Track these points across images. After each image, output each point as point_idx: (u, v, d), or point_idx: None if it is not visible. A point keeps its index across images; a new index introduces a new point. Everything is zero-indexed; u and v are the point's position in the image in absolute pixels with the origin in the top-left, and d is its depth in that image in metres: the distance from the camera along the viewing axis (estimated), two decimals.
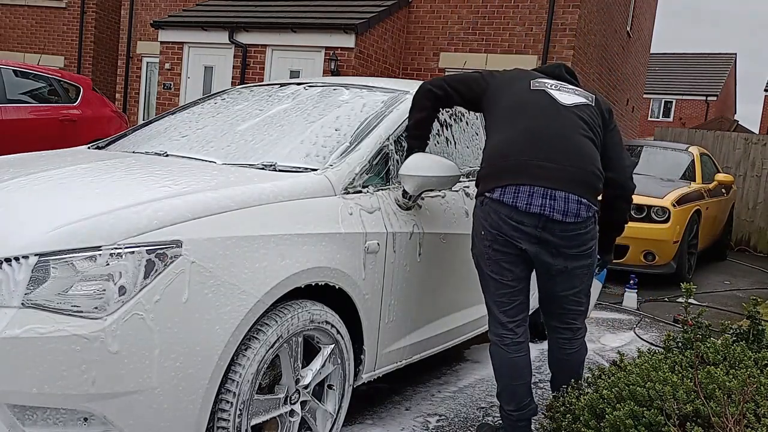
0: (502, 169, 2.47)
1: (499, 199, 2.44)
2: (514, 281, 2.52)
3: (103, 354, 1.80)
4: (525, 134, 2.51)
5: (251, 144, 2.81)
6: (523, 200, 2.40)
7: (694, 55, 36.92)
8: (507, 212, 2.43)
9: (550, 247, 2.44)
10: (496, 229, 2.46)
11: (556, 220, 2.40)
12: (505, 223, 2.43)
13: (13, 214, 2.00)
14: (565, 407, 2.42)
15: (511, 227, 2.43)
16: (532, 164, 2.43)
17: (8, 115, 6.59)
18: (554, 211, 2.39)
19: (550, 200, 2.40)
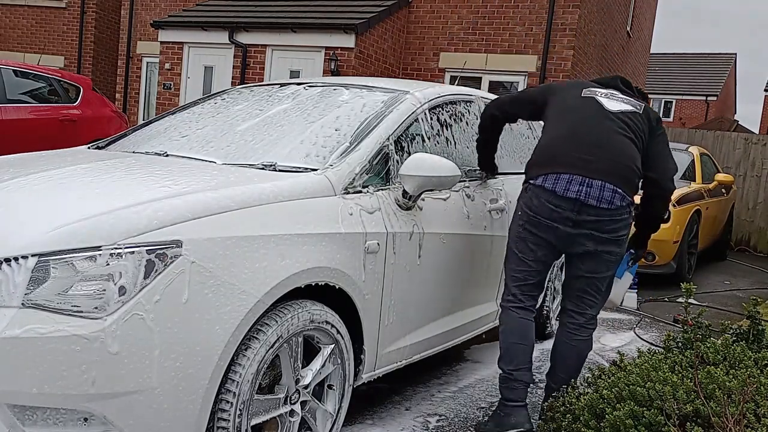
0: (547, 160, 2.78)
1: (541, 185, 2.73)
2: (533, 262, 2.82)
3: (103, 354, 1.80)
4: (569, 133, 2.80)
5: (251, 144, 2.81)
6: (561, 186, 2.69)
7: (694, 55, 36.93)
8: (547, 197, 2.71)
9: (583, 229, 2.70)
10: (535, 212, 2.75)
11: (590, 205, 2.67)
12: (544, 207, 2.72)
13: (13, 214, 2.00)
14: (565, 407, 2.43)
15: (550, 210, 2.71)
16: (573, 156, 2.72)
17: (8, 115, 6.59)
18: (589, 197, 2.66)
19: (587, 187, 2.67)
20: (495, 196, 3.46)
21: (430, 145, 3.07)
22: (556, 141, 2.80)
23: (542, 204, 2.72)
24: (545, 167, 2.74)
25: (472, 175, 3.38)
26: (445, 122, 3.25)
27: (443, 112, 3.27)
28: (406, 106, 3.01)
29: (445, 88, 3.44)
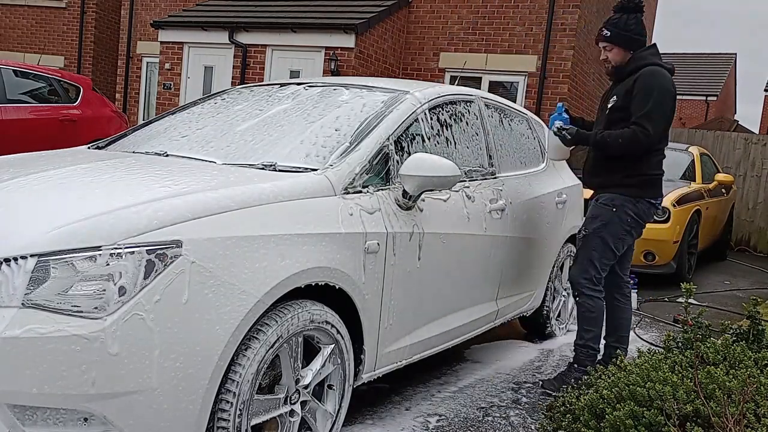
0: (660, 184, 3.48)
1: (656, 204, 3.46)
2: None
3: (103, 354, 1.79)
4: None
5: (251, 144, 2.81)
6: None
7: (694, 55, 36.90)
8: (653, 212, 3.48)
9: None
10: (644, 223, 3.46)
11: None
12: (649, 219, 3.48)
13: (13, 214, 2.00)
14: (565, 407, 2.43)
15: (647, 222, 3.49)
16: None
17: (8, 115, 6.59)
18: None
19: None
20: (495, 196, 3.46)
21: (430, 145, 3.07)
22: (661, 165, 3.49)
23: (650, 217, 3.47)
24: (659, 190, 3.46)
25: (472, 175, 3.38)
26: (445, 122, 3.25)
27: (443, 112, 3.27)
28: (406, 106, 3.00)
29: (445, 88, 3.44)
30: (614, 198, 3.40)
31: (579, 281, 3.47)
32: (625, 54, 3.43)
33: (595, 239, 3.42)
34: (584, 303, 3.46)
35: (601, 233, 3.40)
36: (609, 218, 3.40)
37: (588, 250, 3.45)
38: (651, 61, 3.38)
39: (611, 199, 3.41)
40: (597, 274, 3.44)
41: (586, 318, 3.47)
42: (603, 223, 3.41)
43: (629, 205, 3.38)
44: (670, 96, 3.31)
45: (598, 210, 3.46)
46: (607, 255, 3.43)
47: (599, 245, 3.41)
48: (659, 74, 3.32)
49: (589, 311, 3.46)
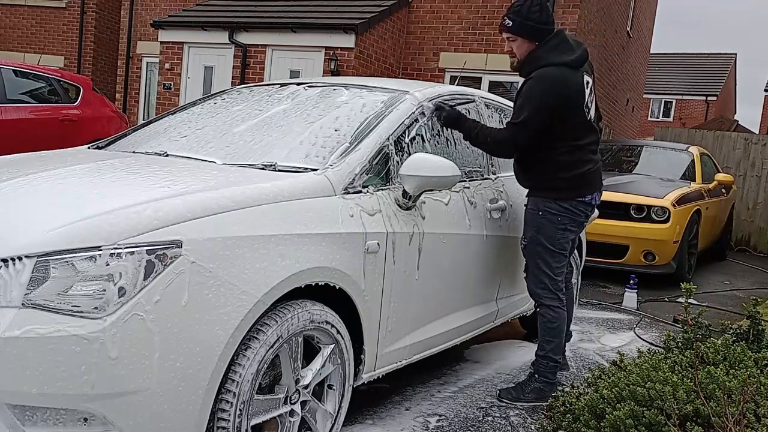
0: (589, 180, 3.30)
1: (589, 201, 3.29)
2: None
3: (102, 354, 1.79)
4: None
5: (251, 144, 2.81)
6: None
7: (694, 55, 36.91)
8: (589, 209, 3.33)
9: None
10: (580, 218, 3.32)
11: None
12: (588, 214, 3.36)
13: (13, 214, 2.00)
14: (565, 407, 2.43)
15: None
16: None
17: (8, 115, 6.59)
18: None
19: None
20: (495, 197, 3.46)
21: (429, 145, 3.07)
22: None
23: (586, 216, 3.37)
24: (588, 188, 3.28)
25: (472, 175, 3.38)
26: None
27: None
28: (406, 106, 3.00)
29: (445, 88, 3.44)
30: (537, 202, 3.25)
31: (535, 291, 3.33)
32: (530, 46, 3.16)
33: (535, 247, 3.27)
34: (545, 313, 3.30)
35: (538, 240, 3.26)
36: (539, 223, 3.24)
37: (534, 260, 3.30)
38: (546, 62, 3.09)
39: (535, 203, 3.26)
40: (552, 282, 3.28)
41: (547, 328, 3.30)
42: (536, 229, 3.25)
43: (554, 205, 3.20)
44: (553, 102, 3.04)
45: (527, 216, 3.32)
46: (555, 258, 3.27)
47: (541, 252, 3.26)
48: (548, 79, 3.05)
49: (550, 321, 3.29)
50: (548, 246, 3.23)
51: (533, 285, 3.33)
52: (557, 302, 3.29)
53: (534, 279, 3.32)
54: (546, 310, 3.29)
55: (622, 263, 6.50)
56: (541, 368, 3.30)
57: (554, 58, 3.09)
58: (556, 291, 3.29)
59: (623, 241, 6.44)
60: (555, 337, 3.30)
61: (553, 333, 3.29)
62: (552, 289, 3.28)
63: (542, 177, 3.22)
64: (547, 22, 3.16)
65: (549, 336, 3.30)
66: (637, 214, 6.48)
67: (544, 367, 3.30)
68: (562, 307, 3.31)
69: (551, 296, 3.29)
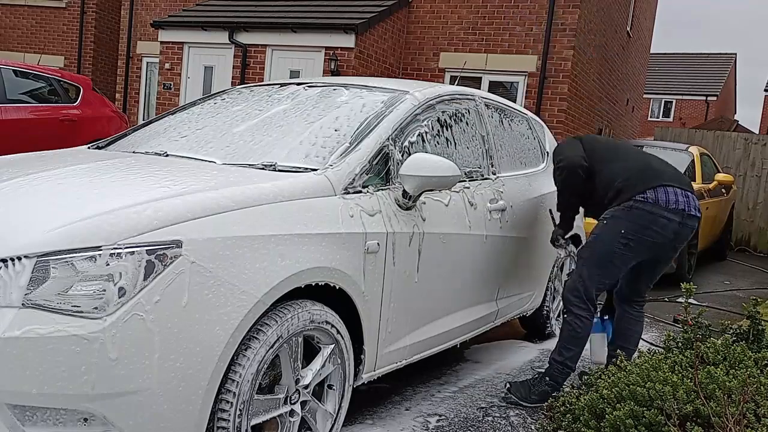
0: (641, 178, 3.31)
1: (648, 199, 3.22)
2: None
3: (102, 354, 1.79)
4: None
5: (251, 144, 2.81)
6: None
7: (694, 55, 36.90)
8: (657, 211, 3.23)
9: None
10: (648, 233, 3.20)
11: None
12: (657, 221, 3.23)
13: (13, 214, 2.00)
14: (565, 407, 2.43)
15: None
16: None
17: (8, 115, 6.58)
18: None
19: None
20: (495, 197, 3.46)
21: (430, 145, 3.07)
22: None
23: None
24: (641, 185, 3.26)
25: (472, 175, 3.38)
26: (445, 122, 3.25)
27: (443, 113, 3.27)
28: (406, 106, 3.00)
29: (445, 88, 3.44)
30: (607, 212, 3.27)
31: (568, 298, 3.27)
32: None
33: (585, 252, 3.28)
34: (571, 321, 3.23)
35: (591, 246, 3.25)
36: (600, 231, 3.24)
37: (579, 266, 3.29)
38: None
39: (605, 214, 3.28)
40: (586, 292, 3.21)
41: (571, 337, 3.23)
42: (595, 236, 3.26)
43: (620, 214, 3.18)
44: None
45: (595, 227, 3.31)
46: (602, 271, 3.21)
47: (588, 260, 3.24)
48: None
49: (575, 330, 3.22)
50: (598, 255, 3.20)
51: (568, 291, 3.28)
52: (587, 313, 3.22)
53: (571, 285, 3.28)
54: (573, 318, 3.22)
55: None
56: (555, 372, 3.24)
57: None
58: (587, 302, 3.21)
59: None
60: (577, 347, 3.24)
61: (576, 342, 3.23)
62: (584, 299, 3.21)
63: (602, 195, 3.32)
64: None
65: (571, 344, 3.23)
66: None
67: (558, 372, 3.24)
68: (590, 318, 3.24)
69: (581, 306, 3.21)
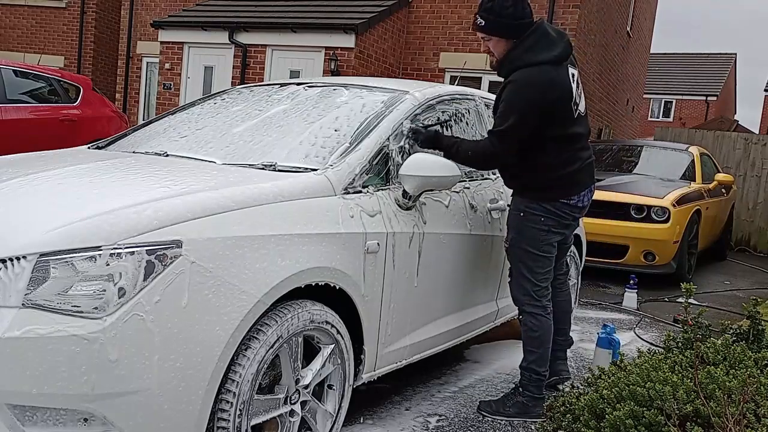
0: (576, 180, 3.11)
1: (574, 203, 3.08)
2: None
3: (102, 354, 1.79)
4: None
5: (251, 144, 2.81)
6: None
7: (694, 55, 36.91)
8: (574, 211, 3.12)
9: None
10: (565, 220, 3.11)
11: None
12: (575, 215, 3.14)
13: (13, 214, 2.00)
14: (565, 407, 2.42)
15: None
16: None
17: (8, 115, 6.59)
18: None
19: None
20: (495, 197, 3.46)
21: None
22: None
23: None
24: (575, 188, 3.09)
25: (472, 175, 3.37)
26: (446, 122, 3.25)
27: (443, 112, 3.27)
28: (406, 106, 3.00)
29: (445, 88, 3.44)
30: (518, 203, 3.05)
31: (518, 298, 3.11)
32: (508, 43, 2.94)
33: (517, 251, 3.07)
34: (526, 321, 3.09)
35: (520, 244, 3.05)
36: (521, 226, 3.05)
37: (516, 264, 3.10)
38: (526, 62, 2.87)
39: (517, 204, 3.06)
40: (535, 288, 3.05)
41: (530, 338, 3.08)
42: (517, 231, 3.06)
43: (536, 206, 3.01)
44: (539, 107, 2.83)
45: (509, 218, 3.13)
46: (539, 263, 3.05)
47: (523, 255, 3.05)
48: (531, 83, 2.84)
49: (532, 330, 3.07)
50: (530, 249, 3.03)
51: (515, 290, 3.13)
52: (540, 310, 3.07)
53: (516, 284, 3.12)
54: (528, 317, 3.08)
55: (622, 263, 6.50)
56: (524, 381, 3.10)
57: (534, 57, 2.85)
58: (539, 297, 3.06)
59: (623, 241, 6.44)
60: (538, 348, 3.07)
61: (535, 343, 3.07)
62: (534, 295, 3.06)
63: (525, 178, 3.04)
64: (523, 16, 2.91)
65: (531, 346, 3.08)
66: (637, 214, 6.48)
67: (527, 380, 3.09)
68: (545, 315, 3.09)
69: (534, 303, 3.07)
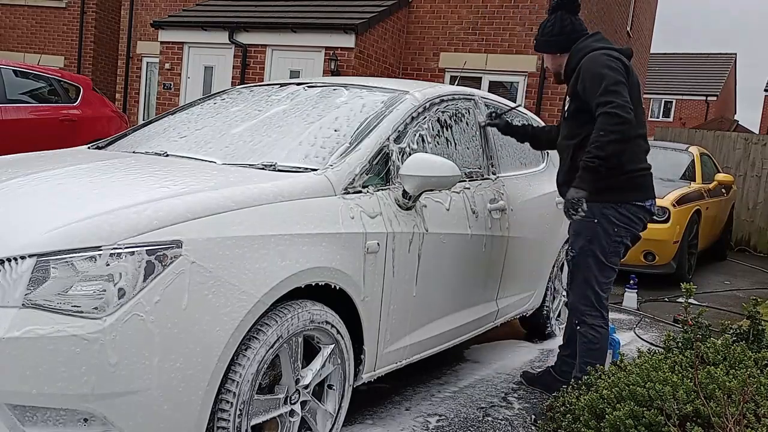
0: (648, 182, 3.13)
1: (647, 207, 3.08)
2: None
3: (102, 354, 1.79)
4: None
5: (251, 144, 2.81)
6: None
7: (694, 55, 36.91)
8: (646, 216, 3.11)
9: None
10: (637, 227, 3.10)
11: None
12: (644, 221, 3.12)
13: (12, 214, 2.00)
14: (565, 407, 2.43)
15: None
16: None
17: (8, 115, 6.58)
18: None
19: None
20: (495, 197, 3.46)
21: (430, 145, 3.07)
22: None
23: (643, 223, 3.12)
24: (649, 192, 3.11)
25: (472, 175, 3.37)
26: (445, 122, 3.25)
27: (443, 113, 3.27)
28: (406, 106, 3.00)
29: (445, 88, 3.44)
30: (592, 207, 2.95)
31: (578, 308, 3.08)
32: (558, 57, 3.22)
33: (586, 259, 3.03)
34: (586, 333, 3.03)
35: (590, 251, 3.02)
36: (593, 232, 3.01)
37: (582, 273, 3.05)
38: (591, 48, 3.05)
39: (589, 209, 2.93)
40: (597, 298, 3.04)
41: (588, 350, 3.02)
42: (588, 239, 3.02)
43: (611, 212, 2.99)
44: (619, 72, 2.92)
45: (578, 225, 3.05)
46: (605, 273, 3.05)
47: (593, 265, 3.03)
48: (599, 56, 2.97)
49: (592, 343, 3.02)
50: (601, 258, 3.01)
51: (577, 300, 3.08)
52: (601, 321, 3.04)
53: (579, 294, 3.07)
54: (588, 329, 3.03)
55: (622, 263, 6.49)
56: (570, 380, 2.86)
57: (600, 45, 3.08)
58: (600, 309, 3.05)
59: None
60: (597, 360, 2.98)
61: (594, 355, 3.01)
62: (597, 305, 3.04)
63: (602, 178, 2.92)
64: (563, 31, 3.17)
65: (590, 358, 2.99)
66: None
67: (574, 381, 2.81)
68: (605, 326, 3.06)
69: (595, 314, 3.03)
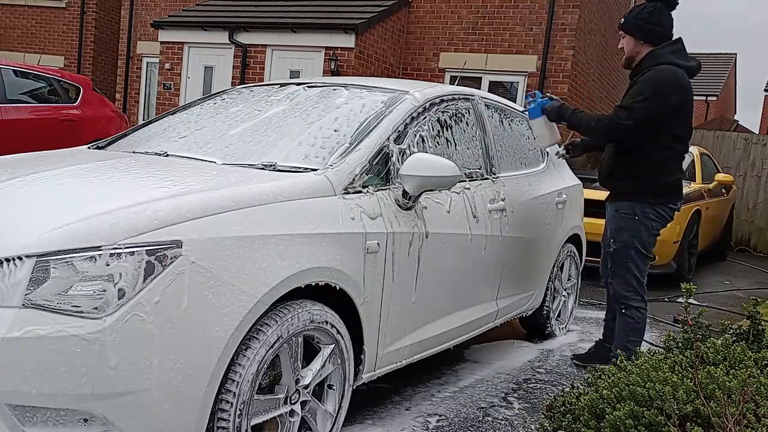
0: (680, 188, 3.55)
1: (676, 208, 3.51)
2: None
3: (102, 355, 1.79)
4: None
5: (251, 144, 2.81)
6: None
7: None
8: (672, 214, 3.52)
9: None
10: (667, 222, 3.51)
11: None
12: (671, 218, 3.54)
13: (13, 214, 2.00)
14: (565, 407, 2.42)
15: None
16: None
17: (8, 115, 6.59)
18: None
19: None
20: (495, 197, 3.46)
21: (430, 145, 3.07)
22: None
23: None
24: (679, 195, 3.54)
25: (472, 175, 3.37)
26: (445, 122, 3.25)
27: (443, 113, 3.27)
28: (406, 106, 3.00)
29: (445, 88, 3.44)
30: (634, 206, 3.42)
31: (624, 295, 3.49)
32: (637, 44, 3.40)
33: (629, 251, 3.45)
34: (632, 314, 3.48)
35: (633, 244, 3.44)
36: (635, 228, 3.43)
37: (625, 263, 3.47)
38: (666, 60, 3.30)
39: (631, 207, 3.43)
40: (638, 283, 3.48)
41: (633, 329, 3.48)
42: (631, 233, 3.44)
43: (649, 210, 3.41)
44: (671, 98, 3.22)
45: (622, 221, 3.47)
46: (644, 261, 3.49)
47: (635, 256, 3.45)
48: (667, 73, 3.25)
49: (636, 322, 3.48)
50: (641, 249, 3.44)
51: (622, 288, 3.49)
52: (643, 304, 3.49)
53: (623, 282, 3.49)
54: (633, 312, 3.47)
55: None
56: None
57: (677, 59, 3.30)
58: (642, 292, 3.48)
59: None
60: (639, 337, 3.47)
61: (638, 333, 3.47)
62: (639, 290, 3.47)
63: (643, 181, 3.39)
64: (659, 24, 3.35)
65: (634, 336, 3.45)
66: None
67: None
68: (645, 307, 3.51)
69: (638, 297, 3.47)
